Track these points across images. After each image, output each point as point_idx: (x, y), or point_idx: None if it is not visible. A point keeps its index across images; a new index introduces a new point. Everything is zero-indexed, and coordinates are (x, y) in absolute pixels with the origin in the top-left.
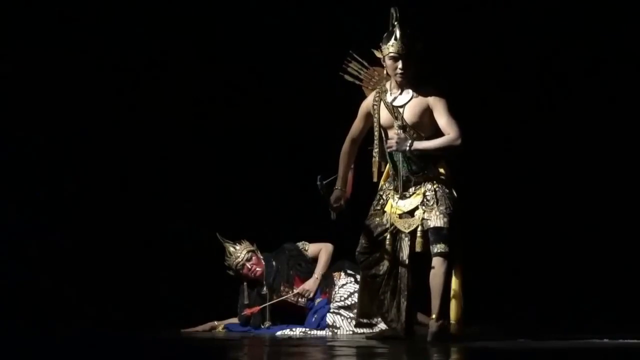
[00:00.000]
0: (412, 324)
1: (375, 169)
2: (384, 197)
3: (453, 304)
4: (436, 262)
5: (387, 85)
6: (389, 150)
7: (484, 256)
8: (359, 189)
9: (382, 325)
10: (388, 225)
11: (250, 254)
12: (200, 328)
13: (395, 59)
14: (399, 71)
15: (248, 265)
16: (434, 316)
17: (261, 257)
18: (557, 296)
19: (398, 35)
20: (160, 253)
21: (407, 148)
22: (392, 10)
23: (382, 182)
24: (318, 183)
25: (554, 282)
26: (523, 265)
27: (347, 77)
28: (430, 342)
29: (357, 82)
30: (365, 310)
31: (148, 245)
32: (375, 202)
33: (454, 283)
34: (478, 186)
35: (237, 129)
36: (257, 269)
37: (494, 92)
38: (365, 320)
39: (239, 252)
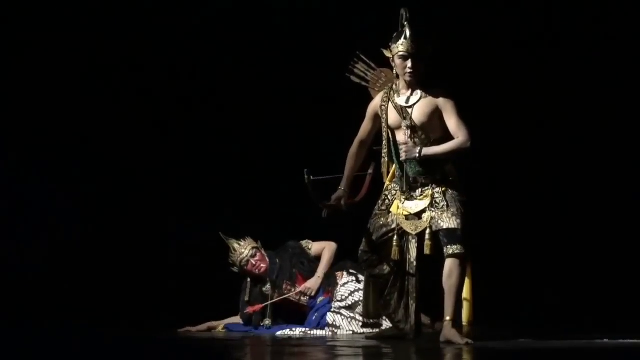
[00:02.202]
0: (421, 325)
1: (385, 169)
2: (389, 197)
3: (464, 306)
4: (451, 263)
5: (396, 85)
6: (401, 159)
7: (484, 256)
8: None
9: (387, 325)
10: (394, 226)
11: (254, 250)
12: (195, 329)
13: (404, 58)
14: (408, 70)
15: (253, 261)
16: (448, 318)
17: (265, 253)
18: (557, 296)
19: (408, 35)
20: (160, 253)
21: (417, 155)
22: (402, 11)
23: (387, 183)
24: (305, 177)
25: (555, 282)
26: (523, 265)
27: (353, 78)
28: (444, 342)
29: (364, 84)
30: (370, 311)
31: (148, 245)
32: (380, 202)
33: (465, 284)
34: (478, 187)
35: (240, 128)
36: (262, 265)
37: (497, 93)
38: (371, 321)
39: (244, 249)
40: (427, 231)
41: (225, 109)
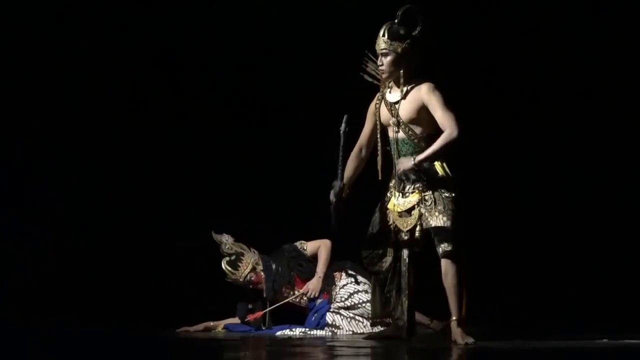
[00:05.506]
0: (414, 324)
1: (380, 167)
2: (388, 194)
3: None
4: (445, 263)
5: (388, 83)
6: (398, 173)
7: (484, 256)
8: (359, 189)
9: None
10: (390, 222)
11: (250, 275)
12: (193, 328)
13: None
14: (379, 68)
15: (250, 286)
16: (454, 318)
17: (262, 269)
18: (557, 296)
19: (380, 33)
20: (159, 253)
21: (412, 164)
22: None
23: (391, 180)
24: (343, 124)
25: (554, 282)
26: (523, 265)
27: (366, 77)
28: (455, 342)
29: (376, 82)
30: (377, 311)
31: (147, 245)
32: (382, 200)
33: None
34: (476, 185)
35: (238, 130)
36: (258, 285)
37: (495, 91)
38: (377, 320)
39: (239, 277)
40: (417, 228)
41: (224, 111)
